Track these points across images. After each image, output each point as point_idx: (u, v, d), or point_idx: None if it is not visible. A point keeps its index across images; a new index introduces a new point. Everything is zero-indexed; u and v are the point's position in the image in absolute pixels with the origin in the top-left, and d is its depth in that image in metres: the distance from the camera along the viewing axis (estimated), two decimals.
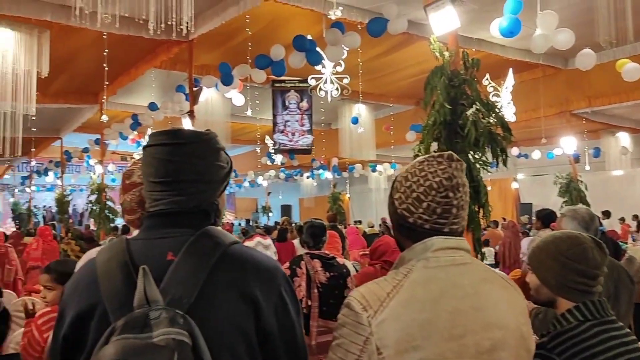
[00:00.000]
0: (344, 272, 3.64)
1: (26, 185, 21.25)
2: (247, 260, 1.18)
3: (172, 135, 1.22)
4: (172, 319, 0.99)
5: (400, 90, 12.65)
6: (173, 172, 1.19)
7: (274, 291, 1.17)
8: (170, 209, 1.19)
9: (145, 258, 1.11)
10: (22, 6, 6.97)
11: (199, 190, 1.21)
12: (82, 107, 12.57)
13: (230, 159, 1.30)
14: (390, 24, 6.77)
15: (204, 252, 1.13)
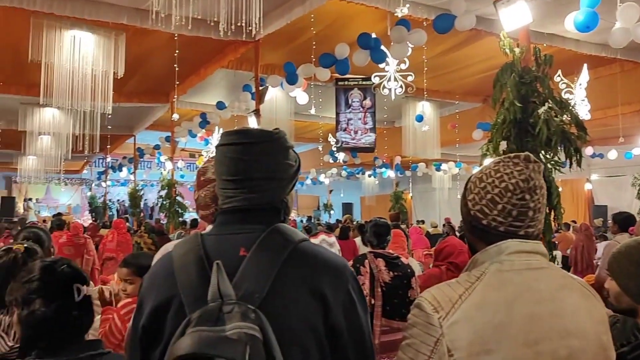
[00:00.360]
0: (408, 272, 3.61)
1: (102, 180, 22.38)
2: (316, 257, 1.20)
3: (243, 134, 1.25)
4: (244, 313, 1.02)
5: (467, 88, 12.36)
6: (244, 170, 1.23)
7: (343, 289, 1.18)
8: (242, 206, 1.23)
9: (219, 253, 1.15)
10: (101, 11, 7.36)
11: (270, 188, 1.24)
12: (154, 106, 13.10)
13: (299, 157, 1.32)
14: (458, 20, 6.61)
15: (274, 248, 1.16)
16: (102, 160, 21.92)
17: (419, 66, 9.08)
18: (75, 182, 25.77)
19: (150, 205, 23.02)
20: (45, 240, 3.06)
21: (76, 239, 7.09)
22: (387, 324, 3.41)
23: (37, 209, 23.83)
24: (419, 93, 10.31)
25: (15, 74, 10.27)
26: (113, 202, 24.06)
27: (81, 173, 24.50)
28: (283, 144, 1.27)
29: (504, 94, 4.50)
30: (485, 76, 10.92)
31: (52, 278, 1.55)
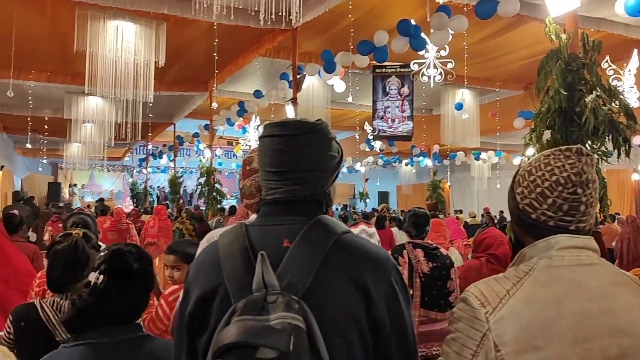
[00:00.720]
0: (447, 263, 3.57)
1: (143, 167, 22.94)
2: (359, 249, 1.19)
3: (286, 126, 1.26)
4: (287, 303, 1.03)
5: (508, 75, 12.05)
6: (288, 162, 1.23)
7: (385, 280, 1.18)
8: (285, 198, 1.24)
9: (263, 243, 1.17)
10: (142, 1, 7.49)
11: (313, 180, 1.24)
12: (193, 94, 13.29)
13: (341, 148, 1.32)
14: (501, 6, 6.43)
15: (317, 240, 1.17)
16: (143, 147, 22.45)
17: (459, 53, 8.90)
18: (118, 169, 26.48)
19: (189, 192, 23.47)
20: (92, 225, 3.16)
21: (119, 224, 7.31)
22: (425, 314, 3.39)
23: (81, 195, 24.63)
24: (459, 80, 10.10)
25: (62, 64, 10.59)
26: (153, 189, 24.62)
27: (123, 160, 25.12)
28: (326, 136, 1.27)
29: (548, 81, 4.37)
30: (528, 63, 10.64)
31: (119, 259, 1.61)
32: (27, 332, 1.90)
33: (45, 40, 9.38)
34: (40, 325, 1.90)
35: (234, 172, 26.42)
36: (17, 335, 1.91)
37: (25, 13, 7.83)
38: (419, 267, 3.45)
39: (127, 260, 1.61)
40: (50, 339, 1.88)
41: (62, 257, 2.02)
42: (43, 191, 22.24)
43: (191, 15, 7.45)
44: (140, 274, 1.63)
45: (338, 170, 1.31)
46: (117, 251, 1.63)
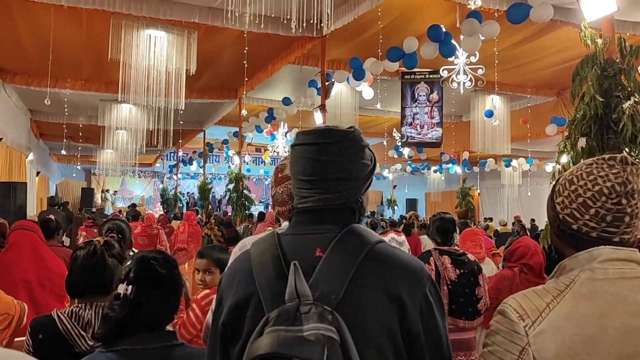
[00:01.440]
0: (475, 269, 3.49)
1: (173, 173, 23.28)
2: (393, 259, 1.18)
3: (319, 134, 1.25)
4: (321, 314, 1.03)
5: (540, 80, 11.84)
6: (320, 170, 1.22)
7: (420, 292, 1.16)
8: (317, 207, 1.23)
9: (295, 253, 1.16)
10: (174, 10, 7.63)
11: (345, 188, 1.23)
12: (223, 101, 13.43)
13: (374, 155, 1.31)
14: (534, 11, 6.33)
15: (350, 249, 1.15)
16: (173, 154, 22.81)
17: (490, 59, 8.79)
18: (149, 175, 26.96)
19: (218, 198, 23.70)
20: (127, 231, 3.21)
21: (150, 229, 7.41)
22: (452, 322, 3.33)
23: (113, 200, 25.14)
24: (489, 86, 9.98)
25: (96, 72, 10.85)
26: (183, 195, 24.96)
27: (154, 166, 25.57)
28: (358, 144, 1.26)
29: (584, 87, 4.26)
30: (560, 68, 10.45)
31: (145, 267, 1.63)
32: (45, 344, 1.88)
33: (80, 50, 9.64)
34: (59, 337, 1.87)
35: (262, 179, 26.61)
36: (36, 348, 1.88)
37: (62, 24, 8.07)
38: (446, 274, 3.39)
39: (154, 267, 1.62)
40: (69, 350, 1.86)
41: (80, 262, 2.02)
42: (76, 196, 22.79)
43: (222, 24, 7.59)
44: (168, 279, 1.64)
45: (371, 178, 1.30)
46: (142, 259, 1.64)
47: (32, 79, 10.93)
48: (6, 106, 11.37)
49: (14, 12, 7.88)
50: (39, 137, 17.27)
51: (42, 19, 7.98)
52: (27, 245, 3.40)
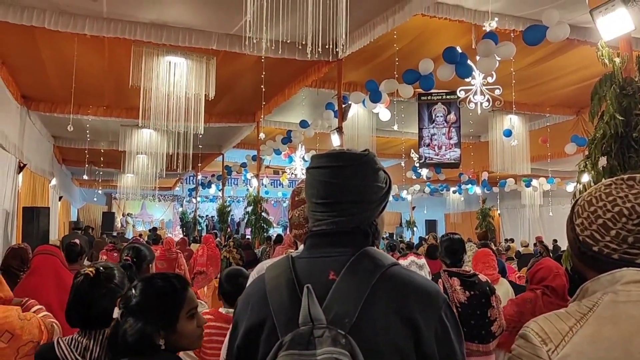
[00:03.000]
0: (487, 290, 3.41)
1: (192, 196, 23.47)
2: (407, 282, 1.17)
3: (333, 157, 1.26)
4: (334, 338, 1.03)
5: (558, 100, 11.77)
6: (334, 193, 1.23)
7: (435, 316, 1.14)
8: (331, 229, 1.23)
9: (309, 276, 1.17)
10: (193, 37, 7.80)
11: (359, 211, 1.23)
12: (241, 125, 13.59)
13: (389, 177, 1.31)
14: (550, 31, 6.32)
15: (364, 272, 1.15)
16: (192, 177, 23.02)
17: (507, 78, 8.78)
18: (168, 199, 27.23)
19: (236, 221, 23.79)
20: (147, 255, 3.23)
21: (169, 253, 7.44)
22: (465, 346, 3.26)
23: (133, 224, 25.40)
24: (507, 106, 9.93)
25: (118, 98, 11.09)
26: (202, 218, 25.10)
27: (173, 190, 25.81)
28: (372, 166, 1.27)
29: (603, 106, 4.22)
30: (579, 87, 10.38)
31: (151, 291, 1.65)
32: None
33: (102, 77, 9.88)
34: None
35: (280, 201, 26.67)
36: None
37: (85, 52, 8.29)
38: (455, 297, 3.33)
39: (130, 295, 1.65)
40: None
41: (70, 296, 2.02)
42: (98, 220, 23.07)
43: (239, 50, 7.73)
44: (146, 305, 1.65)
45: (385, 201, 1.30)
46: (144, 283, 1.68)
47: (55, 106, 11.22)
48: (31, 133, 11.65)
49: (39, 42, 8.13)
50: (62, 162, 17.61)
51: (65, 48, 8.21)
52: (49, 269, 3.44)
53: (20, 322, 2.21)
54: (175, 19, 7.56)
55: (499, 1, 6.95)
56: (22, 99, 10.76)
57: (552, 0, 6.88)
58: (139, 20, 7.47)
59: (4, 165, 9.27)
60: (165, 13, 7.37)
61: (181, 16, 7.50)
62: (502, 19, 7.18)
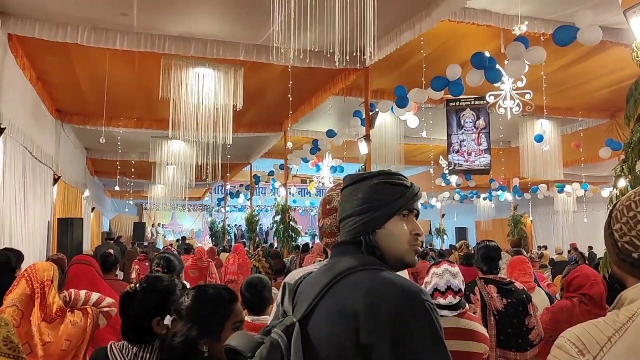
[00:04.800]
0: (523, 297, 3.34)
1: (221, 206, 23.71)
2: (364, 282, 1.21)
3: (343, 181, 1.47)
4: (285, 324, 1.22)
5: (591, 103, 11.51)
6: (340, 210, 1.42)
7: (386, 310, 1.13)
8: (339, 241, 1.40)
9: (306, 282, 1.34)
10: (221, 48, 7.92)
11: (351, 224, 1.35)
12: (268, 135, 13.70)
13: (390, 190, 1.35)
14: (581, 33, 6.19)
15: (331, 272, 1.27)
16: (221, 187, 23.29)
17: (537, 82, 8.63)
18: (197, 208, 27.56)
19: (265, 230, 23.92)
20: (177, 265, 3.27)
21: (200, 262, 7.52)
22: (502, 354, 3.18)
23: (164, 234, 25.77)
24: (538, 111, 9.75)
25: (148, 110, 11.32)
26: (231, 227, 25.31)
27: (202, 200, 26.11)
28: (366, 185, 1.37)
29: (638, 109, 4.11)
30: (612, 90, 10.14)
31: (202, 298, 1.74)
32: None
33: (133, 90, 10.10)
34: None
35: (308, 210, 26.71)
36: None
37: (116, 67, 8.50)
38: (492, 304, 3.27)
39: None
40: None
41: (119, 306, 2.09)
42: (129, 231, 23.50)
43: (266, 60, 7.81)
44: (191, 310, 1.70)
45: (367, 213, 1.33)
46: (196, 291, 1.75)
47: (88, 119, 11.52)
48: (65, 146, 11.97)
49: (73, 58, 8.37)
50: (94, 174, 18.03)
51: (98, 63, 8.43)
52: (85, 279, 3.51)
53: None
54: (203, 30, 7.68)
55: (528, 4, 6.85)
56: (56, 113, 11.08)
57: (584, 1, 6.75)
58: (168, 33, 7.62)
59: (42, 178, 9.54)
60: (193, 25, 7.50)
61: (209, 28, 7.62)
62: (532, 22, 7.07)
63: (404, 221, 1.33)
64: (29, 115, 8.60)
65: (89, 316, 2.63)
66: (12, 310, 2.37)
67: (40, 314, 2.46)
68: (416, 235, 1.33)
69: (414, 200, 1.36)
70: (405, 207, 1.34)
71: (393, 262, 1.32)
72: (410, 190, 1.36)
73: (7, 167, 7.08)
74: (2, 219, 6.76)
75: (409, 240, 1.33)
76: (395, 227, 1.32)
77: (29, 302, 2.47)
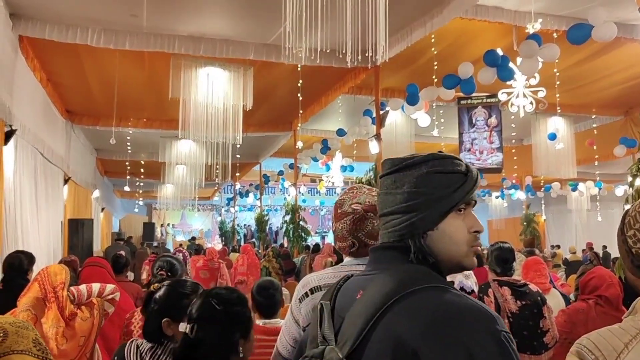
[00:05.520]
0: (538, 300, 3.30)
1: (231, 205, 23.77)
2: (425, 307, 0.97)
3: (383, 165, 1.19)
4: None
5: (605, 100, 11.37)
6: (380, 205, 1.17)
7: (454, 346, 0.92)
8: (380, 244, 1.16)
9: (343, 294, 1.15)
10: (230, 48, 7.89)
11: (397, 224, 1.11)
12: (278, 134, 13.70)
13: (451, 182, 1.10)
14: (596, 30, 6.08)
15: (380, 292, 1.03)
16: (230, 187, 23.33)
17: (550, 79, 8.52)
18: (207, 208, 27.64)
19: (274, 230, 23.96)
20: (179, 269, 3.25)
21: (211, 263, 7.51)
22: None
23: (173, 234, 25.86)
24: (551, 108, 9.65)
25: (157, 111, 11.33)
26: (241, 227, 25.36)
27: (212, 199, 26.18)
28: (416, 172, 1.10)
29: None
30: (627, 87, 10.01)
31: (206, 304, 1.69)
32: None
33: (142, 90, 10.11)
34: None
35: (318, 209, 26.71)
36: None
37: (126, 67, 8.51)
38: (506, 307, 3.22)
39: (212, 305, 1.67)
40: None
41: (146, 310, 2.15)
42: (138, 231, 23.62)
43: (276, 59, 7.78)
44: (227, 317, 1.67)
45: (425, 210, 1.08)
46: (205, 297, 1.71)
47: (98, 119, 11.57)
48: (75, 146, 12.03)
49: (83, 59, 8.39)
50: (104, 174, 18.12)
51: (107, 64, 8.45)
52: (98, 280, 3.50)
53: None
54: (212, 30, 7.67)
55: (541, 1, 6.76)
56: (66, 114, 11.12)
57: None
58: (178, 33, 7.61)
59: (53, 178, 9.59)
60: (202, 25, 7.48)
61: (218, 28, 7.61)
62: (545, 19, 6.98)
63: (461, 217, 1.10)
64: (39, 116, 8.64)
65: (94, 307, 2.70)
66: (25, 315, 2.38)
67: (61, 317, 2.49)
68: (475, 232, 1.11)
69: (474, 190, 1.12)
70: (463, 201, 1.10)
71: (447, 268, 1.11)
72: (468, 178, 1.11)
73: (19, 168, 7.10)
74: (15, 219, 6.78)
75: (468, 240, 1.10)
76: (451, 227, 1.09)
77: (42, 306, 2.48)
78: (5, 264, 3.69)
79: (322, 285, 1.73)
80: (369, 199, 1.75)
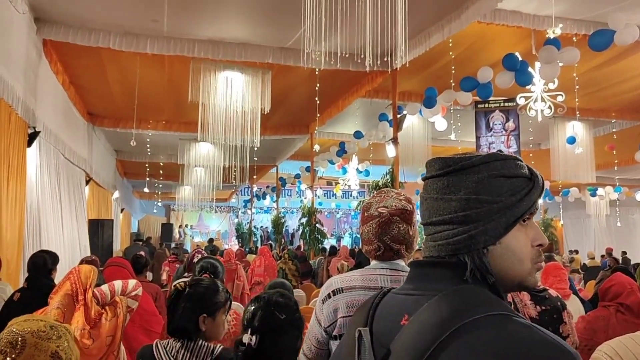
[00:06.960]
0: (558, 305, 3.26)
1: (248, 207, 23.86)
2: (492, 340, 0.79)
3: (430, 165, 1.00)
4: None
5: (625, 104, 11.22)
6: (426, 212, 0.99)
7: None
8: (426, 259, 0.98)
9: (382, 317, 0.98)
10: (249, 52, 7.97)
11: (449, 236, 0.94)
12: (295, 137, 13.74)
13: (520, 188, 0.94)
14: (618, 35, 6.02)
15: (435, 321, 0.85)
16: (247, 189, 23.43)
17: (569, 84, 8.44)
18: (224, 210, 27.75)
19: (291, 232, 24.00)
20: (221, 271, 3.27)
21: (228, 265, 7.54)
22: None
23: (191, 234, 26.04)
24: (570, 113, 9.54)
25: (177, 113, 11.47)
26: (257, 229, 25.43)
27: (229, 201, 26.31)
28: (474, 175, 0.94)
29: None
30: None
31: (269, 315, 1.74)
32: None
33: (162, 93, 10.24)
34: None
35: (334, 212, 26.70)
36: None
37: (146, 70, 8.64)
38: (525, 312, 3.20)
39: (276, 316, 1.71)
40: None
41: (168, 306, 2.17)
42: (157, 232, 23.83)
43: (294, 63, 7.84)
44: (291, 325, 1.72)
45: (499, 221, 0.92)
46: (266, 305, 1.74)
47: (118, 121, 11.75)
48: (97, 148, 12.22)
49: (105, 62, 8.54)
50: (123, 175, 18.33)
51: (128, 67, 8.58)
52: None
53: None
54: (231, 35, 7.75)
55: (560, 4, 6.71)
56: (88, 116, 11.31)
57: (616, 2, 6.59)
58: (197, 38, 7.71)
59: (75, 180, 9.75)
60: (222, 29, 7.57)
61: (237, 32, 7.69)
62: (564, 23, 6.92)
63: (525, 229, 0.94)
64: (62, 118, 8.80)
65: (118, 306, 2.74)
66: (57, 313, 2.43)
67: (86, 320, 2.53)
68: (539, 246, 0.96)
69: (539, 197, 0.96)
70: (529, 211, 0.94)
71: (507, 288, 0.95)
72: (535, 183, 0.95)
73: (42, 170, 7.25)
74: (39, 220, 6.92)
75: (533, 256, 0.95)
76: (514, 241, 0.93)
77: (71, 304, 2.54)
78: (30, 264, 3.76)
79: (344, 287, 1.75)
80: (396, 202, 1.76)
